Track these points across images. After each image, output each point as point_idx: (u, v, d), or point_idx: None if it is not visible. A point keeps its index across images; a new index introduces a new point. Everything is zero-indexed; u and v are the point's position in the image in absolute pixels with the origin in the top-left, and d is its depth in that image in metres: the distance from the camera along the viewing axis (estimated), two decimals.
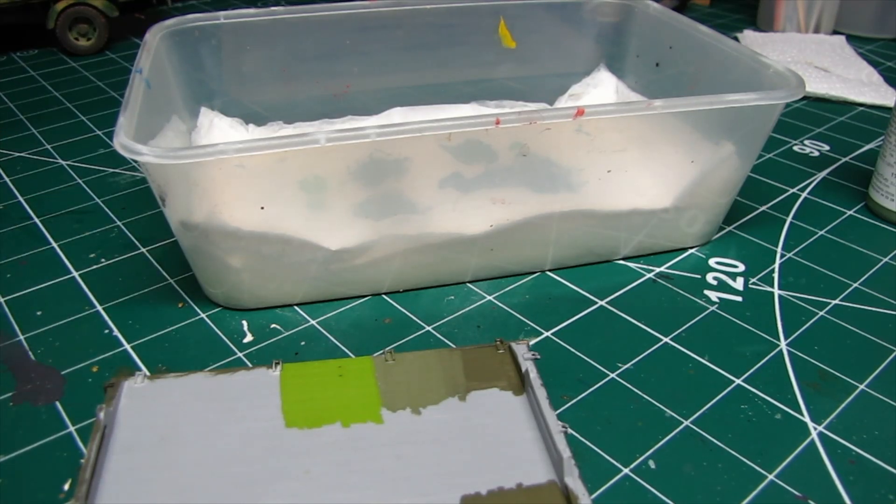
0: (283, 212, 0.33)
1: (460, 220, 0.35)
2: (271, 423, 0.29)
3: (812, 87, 0.61)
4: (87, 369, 0.32)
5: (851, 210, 0.46)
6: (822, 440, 0.29)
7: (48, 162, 0.51)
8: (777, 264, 0.40)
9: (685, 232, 0.40)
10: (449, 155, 0.33)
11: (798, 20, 0.77)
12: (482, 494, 0.26)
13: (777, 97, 0.35)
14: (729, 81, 0.41)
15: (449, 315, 0.36)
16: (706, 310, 0.37)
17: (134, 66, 0.37)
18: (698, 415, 0.30)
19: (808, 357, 0.34)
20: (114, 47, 0.74)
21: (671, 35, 0.47)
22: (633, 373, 0.33)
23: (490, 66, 0.51)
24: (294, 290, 0.36)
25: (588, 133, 0.34)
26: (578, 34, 0.52)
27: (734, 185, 0.40)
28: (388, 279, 0.37)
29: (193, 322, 0.35)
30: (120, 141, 0.30)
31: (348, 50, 0.48)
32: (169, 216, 0.33)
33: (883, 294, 0.38)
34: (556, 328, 0.35)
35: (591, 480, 0.27)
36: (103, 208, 0.45)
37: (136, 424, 0.29)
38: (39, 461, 0.28)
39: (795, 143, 0.54)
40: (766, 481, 0.28)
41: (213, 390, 0.30)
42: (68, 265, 0.40)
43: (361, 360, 0.32)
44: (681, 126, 0.36)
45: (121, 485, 0.26)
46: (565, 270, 0.39)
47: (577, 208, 0.37)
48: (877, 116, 0.59)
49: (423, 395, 0.30)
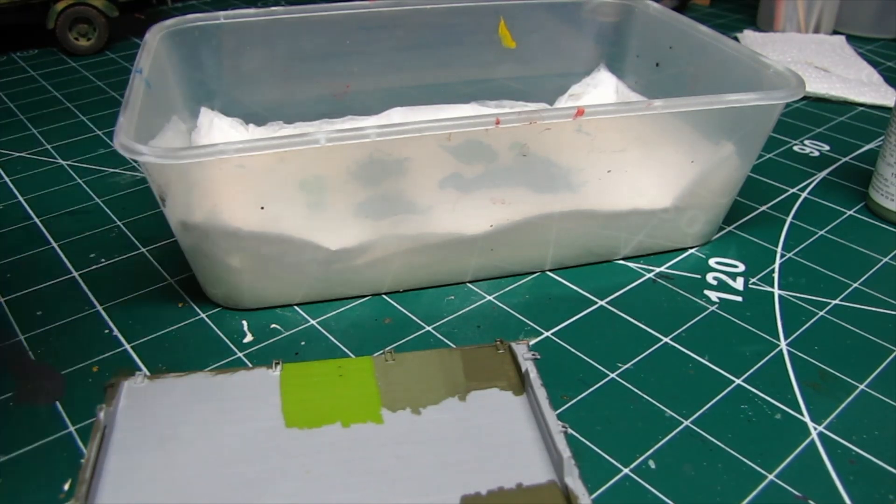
0: (283, 212, 0.33)
1: (460, 220, 0.35)
2: (271, 423, 0.29)
3: (812, 87, 0.61)
4: (87, 369, 0.32)
5: (851, 210, 0.46)
6: (822, 440, 0.29)
7: (48, 162, 0.51)
8: (777, 264, 0.40)
9: (685, 232, 0.40)
10: (449, 155, 0.33)
11: (798, 20, 0.77)
12: (482, 494, 0.26)
13: (777, 97, 0.35)
14: (729, 81, 0.41)
15: (449, 315, 0.36)
16: (706, 310, 0.37)
17: (134, 66, 0.37)
18: (698, 415, 0.30)
19: (808, 357, 0.34)
20: (114, 47, 0.74)
21: (671, 35, 0.47)
22: (633, 373, 0.33)
23: (490, 66, 0.51)
24: (294, 290, 0.36)
25: (588, 133, 0.34)
26: (578, 34, 0.52)
27: (734, 185, 0.40)
28: (388, 279, 0.37)
29: (193, 322, 0.35)
30: (120, 141, 0.30)
31: (348, 50, 0.48)
32: (169, 216, 0.33)
33: (883, 294, 0.38)
34: (556, 328, 0.35)
35: (591, 480, 0.27)
36: (103, 208, 0.45)
37: (136, 424, 0.29)
38: (39, 461, 0.28)
39: (795, 143, 0.54)
40: (766, 481, 0.28)
41: (213, 390, 0.30)
42: (68, 265, 0.40)
43: (361, 360, 0.32)
44: (681, 126, 0.36)
45: (121, 485, 0.26)
46: (565, 270, 0.39)
47: (577, 208, 0.37)
48: (877, 116, 0.59)
49: (423, 395, 0.30)
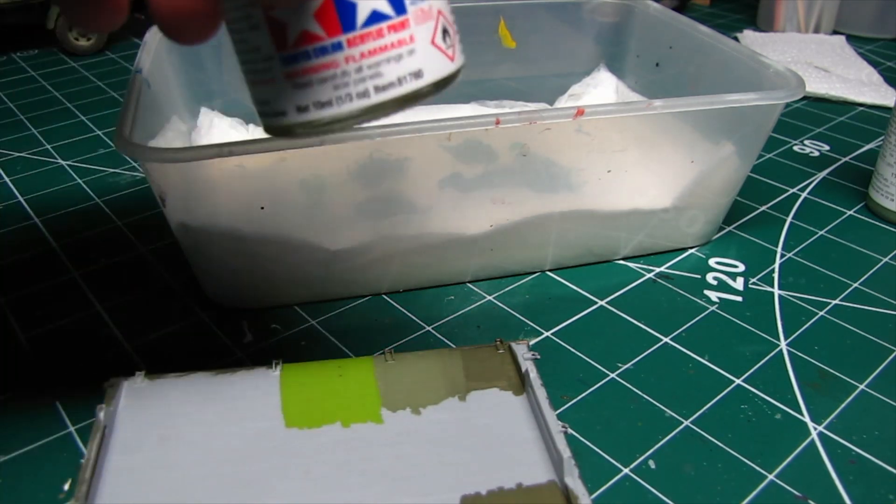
0: (283, 212, 0.33)
1: (460, 220, 0.35)
2: (271, 423, 0.29)
3: (812, 87, 0.61)
4: (87, 369, 0.32)
5: (851, 210, 0.46)
6: (822, 440, 0.29)
7: (48, 162, 0.51)
8: (777, 264, 0.40)
9: (685, 232, 0.40)
10: (449, 155, 0.33)
11: (798, 20, 0.77)
12: (482, 494, 0.26)
13: (777, 97, 0.35)
14: (729, 81, 0.41)
15: (449, 315, 0.36)
16: (706, 310, 0.37)
17: (134, 66, 0.37)
18: (698, 415, 0.30)
19: (808, 357, 0.34)
20: (114, 47, 0.74)
21: (671, 35, 0.47)
22: (633, 373, 0.33)
23: (490, 66, 0.51)
24: (294, 290, 0.36)
25: (588, 133, 0.34)
26: (578, 34, 0.52)
27: (734, 185, 0.40)
28: (388, 279, 0.37)
29: (193, 322, 0.35)
30: (120, 141, 0.30)
31: None
32: (169, 216, 0.33)
33: (883, 294, 0.38)
34: (556, 328, 0.35)
35: (591, 480, 0.27)
36: (103, 208, 0.45)
37: (136, 424, 0.29)
38: (39, 461, 0.28)
39: (795, 143, 0.54)
40: (766, 481, 0.28)
41: (213, 390, 0.30)
42: (68, 265, 0.40)
43: (361, 360, 0.32)
44: (681, 126, 0.36)
45: (121, 485, 0.26)
46: (565, 270, 0.39)
47: (577, 208, 0.37)
48: (877, 116, 0.59)
49: (423, 395, 0.30)
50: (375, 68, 0.21)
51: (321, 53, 0.20)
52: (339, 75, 0.21)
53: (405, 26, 0.21)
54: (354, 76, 0.21)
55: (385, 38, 0.21)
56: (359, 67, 0.21)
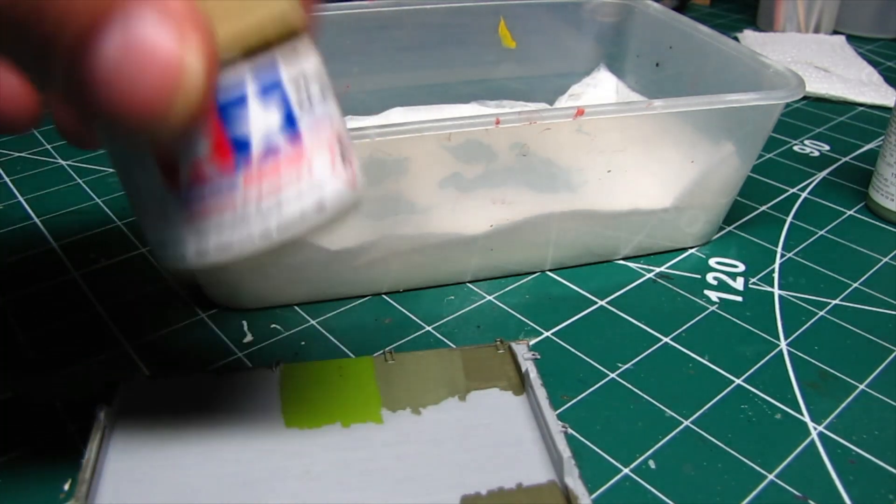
0: None
1: (460, 220, 0.35)
2: (271, 423, 0.29)
3: (812, 87, 0.61)
4: (87, 369, 0.32)
5: (851, 210, 0.46)
6: (822, 440, 0.29)
7: (48, 162, 0.51)
8: (777, 264, 0.40)
9: (685, 232, 0.40)
10: (449, 155, 0.33)
11: (798, 20, 0.77)
12: (482, 494, 0.26)
13: (777, 97, 0.35)
14: (729, 81, 0.41)
15: (449, 315, 0.36)
16: (706, 310, 0.37)
17: None
18: (698, 415, 0.30)
19: (808, 357, 0.34)
20: None
21: (671, 35, 0.47)
22: (633, 373, 0.33)
23: (490, 66, 0.51)
24: (294, 291, 0.36)
25: (588, 133, 0.34)
26: (578, 34, 0.52)
27: (734, 185, 0.40)
28: (388, 279, 0.37)
29: (193, 322, 0.35)
30: None
31: (348, 50, 0.48)
32: None
33: (883, 294, 0.38)
34: (556, 328, 0.35)
35: (591, 480, 0.27)
36: (103, 208, 0.45)
37: (136, 424, 0.29)
38: (39, 461, 0.28)
39: (795, 143, 0.55)
40: (766, 481, 0.28)
41: (213, 390, 0.30)
42: (68, 265, 0.40)
43: (361, 360, 0.32)
44: (681, 126, 0.36)
45: (121, 485, 0.26)
46: (565, 270, 0.39)
47: (577, 208, 0.37)
48: (877, 116, 0.59)
49: (423, 395, 0.30)
50: (276, 206, 0.19)
51: (217, 192, 0.19)
52: (239, 216, 0.19)
53: (301, 157, 0.19)
54: (255, 216, 0.19)
55: (282, 173, 0.19)
56: (258, 207, 0.19)
